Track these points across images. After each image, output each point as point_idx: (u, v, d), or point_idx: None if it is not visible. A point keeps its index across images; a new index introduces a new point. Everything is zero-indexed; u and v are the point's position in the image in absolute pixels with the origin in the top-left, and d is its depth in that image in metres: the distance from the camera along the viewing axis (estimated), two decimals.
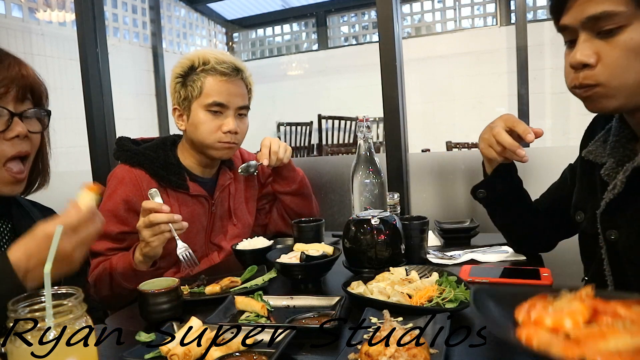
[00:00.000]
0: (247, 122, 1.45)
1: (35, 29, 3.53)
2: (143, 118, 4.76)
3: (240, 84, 1.40)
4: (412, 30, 5.64)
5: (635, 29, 0.73)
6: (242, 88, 1.40)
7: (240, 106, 1.39)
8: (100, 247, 1.29)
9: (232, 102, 1.37)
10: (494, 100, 4.84)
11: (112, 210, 1.30)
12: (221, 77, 1.35)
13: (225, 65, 1.35)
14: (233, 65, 1.37)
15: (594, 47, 0.77)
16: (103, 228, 1.30)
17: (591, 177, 0.93)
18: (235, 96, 1.37)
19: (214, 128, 1.36)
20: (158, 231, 1.13)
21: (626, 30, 0.73)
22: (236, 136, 1.39)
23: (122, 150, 1.38)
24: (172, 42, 5.54)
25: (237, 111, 1.39)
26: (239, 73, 1.39)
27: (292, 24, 6.40)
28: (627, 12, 0.72)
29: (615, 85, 0.76)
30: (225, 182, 1.49)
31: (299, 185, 1.54)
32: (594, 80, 0.78)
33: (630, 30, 0.73)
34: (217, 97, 1.35)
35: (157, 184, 1.35)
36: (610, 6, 0.72)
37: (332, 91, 5.38)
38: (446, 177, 1.82)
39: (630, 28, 0.73)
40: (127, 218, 1.30)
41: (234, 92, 1.37)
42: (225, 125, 1.36)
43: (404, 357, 0.64)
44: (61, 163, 3.48)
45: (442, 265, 1.19)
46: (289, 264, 1.11)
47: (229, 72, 1.36)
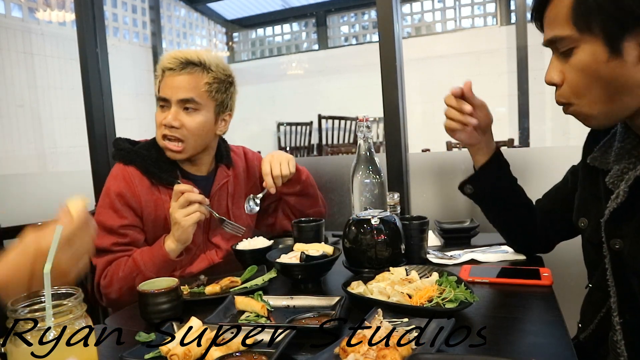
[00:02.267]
0: (198, 119, 1.35)
1: (35, 28, 3.53)
2: (143, 118, 4.77)
3: (188, 77, 1.34)
4: (412, 30, 5.64)
5: (583, 51, 0.77)
6: (189, 82, 1.34)
7: (181, 99, 1.33)
8: (106, 243, 1.30)
9: (172, 95, 1.33)
10: (494, 100, 4.83)
11: (110, 205, 1.32)
12: (168, 72, 1.35)
13: (172, 60, 1.34)
14: (183, 59, 1.34)
15: (560, 66, 0.82)
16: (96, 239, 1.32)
17: (595, 183, 0.92)
18: (176, 89, 1.33)
19: (159, 122, 1.36)
20: (192, 210, 1.22)
21: (577, 52, 0.78)
22: (179, 131, 1.34)
23: (118, 149, 1.41)
24: (172, 42, 5.54)
25: (181, 105, 1.34)
26: (189, 66, 1.34)
27: (292, 24, 6.41)
28: (573, 36, 0.76)
29: (584, 103, 0.80)
30: (221, 180, 1.48)
31: (303, 185, 1.53)
32: (565, 99, 0.83)
33: (580, 52, 0.77)
34: (160, 92, 1.36)
35: (148, 181, 1.36)
36: (558, 31, 0.78)
37: (332, 91, 5.38)
38: (446, 177, 1.82)
39: (579, 50, 0.77)
40: (124, 211, 1.32)
41: (176, 85, 1.33)
42: (164, 118, 1.34)
43: (372, 356, 0.66)
44: (61, 163, 3.49)
45: (442, 265, 1.19)
46: (289, 264, 1.11)
47: (173, 67, 1.34)
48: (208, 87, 1.36)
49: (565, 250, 1.19)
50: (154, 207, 1.35)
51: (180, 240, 1.25)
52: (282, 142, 5.29)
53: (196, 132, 1.36)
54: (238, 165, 1.56)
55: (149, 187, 1.36)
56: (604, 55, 0.74)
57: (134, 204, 1.33)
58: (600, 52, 0.75)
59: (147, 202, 1.34)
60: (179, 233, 1.24)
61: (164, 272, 1.25)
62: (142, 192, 1.34)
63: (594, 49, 0.75)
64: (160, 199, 1.35)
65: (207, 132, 1.39)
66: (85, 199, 0.79)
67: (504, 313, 0.89)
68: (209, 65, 1.36)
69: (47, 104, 3.40)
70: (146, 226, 1.36)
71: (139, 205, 1.34)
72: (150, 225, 1.35)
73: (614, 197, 0.83)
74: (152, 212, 1.35)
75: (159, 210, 1.35)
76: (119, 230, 1.31)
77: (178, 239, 1.25)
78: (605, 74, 0.75)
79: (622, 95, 0.77)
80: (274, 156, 1.45)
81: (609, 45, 0.74)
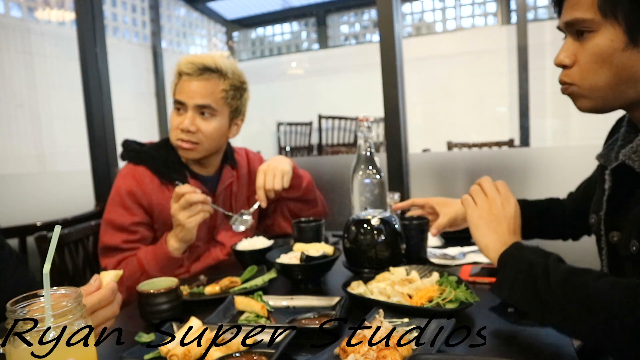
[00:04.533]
0: (213, 124, 1.38)
1: (34, 28, 3.53)
2: (143, 118, 4.76)
3: (205, 84, 1.36)
4: (413, 29, 5.64)
5: (602, 36, 0.78)
6: (206, 88, 1.36)
7: (198, 104, 1.36)
8: (116, 241, 1.32)
9: (189, 100, 1.36)
10: (495, 100, 4.83)
11: (121, 203, 1.34)
12: (185, 76, 1.37)
13: (190, 65, 1.36)
14: (201, 65, 1.36)
15: (573, 48, 0.83)
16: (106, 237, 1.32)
17: (603, 180, 0.93)
18: (194, 94, 1.35)
19: (175, 125, 1.38)
20: (194, 211, 1.22)
21: (595, 36, 0.79)
22: (195, 135, 1.36)
23: (127, 150, 1.43)
24: (172, 41, 5.53)
25: (198, 110, 1.37)
26: (206, 72, 1.36)
27: (292, 24, 6.40)
28: (596, 19, 0.78)
29: (586, 86, 0.82)
30: (227, 180, 1.50)
31: (303, 192, 1.54)
32: (570, 79, 0.84)
33: (598, 37, 0.79)
34: (177, 95, 1.38)
35: (158, 180, 1.38)
36: (581, 14, 0.79)
37: (332, 91, 5.38)
38: (446, 177, 1.82)
39: (598, 34, 0.78)
40: (134, 209, 1.34)
41: (193, 90, 1.36)
42: (180, 122, 1.36)
43: (372, 356, 0.67)
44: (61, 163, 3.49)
45: (443, 266, 1.19)
46: (289, 264, 1.11)
47: (191, 72, 1.36)
48: (224, 94, 1.39)
49: (567, 250, 1.19)
50: (164, 206, 1.36)
51: (185, 240, 1.26)
52: (282, 142, 5.29)
53: (211, 137, 1.39)
54: (242, 166, 1.58)
55: (158, 187, 1.38)
56: (621, 43, 0.76)
57: (145, 202, 1.35)
58: (619, 39, 0.76)
59: (158, 200, 1.36)
60: (183, 234, 1.24)
61: (168, 270, 1.26)
62: (152, 192, 1.36)
63: (614, 36, 0.77)
64: (170, 198, 1.37)
65: (221, 137, 1.43)
66: (119, 272, 0.81)
67: (504, 313, 0.89)
68: (225, 72, 1.38)
69: (47, 104, 3.40)
70: (156, 224, 1.38)
71: (149, 204, 1.35)
72: (160, 224, 1.38)
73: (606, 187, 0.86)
74: (162, 211, 1.36)
75: (169, 209, 1.36)
76: (129, 228, 1.33)
77: (182, 239, 1.26)
78: (618, 62, 0.77)
79: (626, 85, 0.79)
80: (269, 167, 1.45)
81: (629, 34, 0.75)
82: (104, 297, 0.75)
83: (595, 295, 0.68)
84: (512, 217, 0.91)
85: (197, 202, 1.23)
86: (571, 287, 0.71)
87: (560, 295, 0.72)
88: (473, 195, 0.95)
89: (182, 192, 1.23)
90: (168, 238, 1.28)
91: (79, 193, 2.24)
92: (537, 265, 0.77)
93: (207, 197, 1.26)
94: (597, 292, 0.68)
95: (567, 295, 0.71)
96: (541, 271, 0.76)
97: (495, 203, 0.92)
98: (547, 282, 0.74)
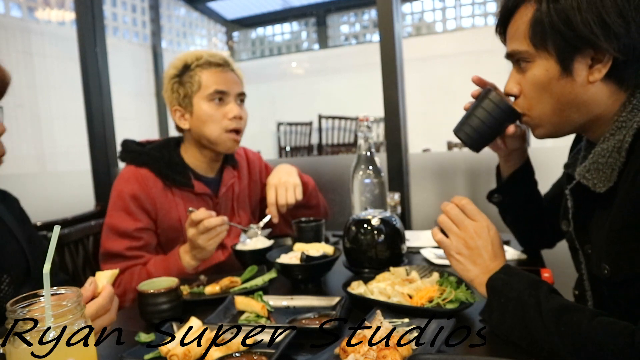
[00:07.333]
0: (246, 110, 1.47)
1: (34, 28, 3.53)
2: (143, 118, 4.76)
3: (234, 75, 1.44)
4: (413, 29, 5.64)
5: (538, 67, 0.81)
6: (236, 78, 1.44)
7: (239, 92, 1.43)
8: (119, 247, 1.29)
9: (231, 88, 1.40)
10: None
11: (124, 207, 1.31)
12: (216, 68, 1.39)
13: (217, 57, 1.41)
14: (224, 58, 1.43)
15: (517, 78, 0.87)
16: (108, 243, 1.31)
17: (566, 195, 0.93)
18: (233, 83, 1.41)
19: (219, 117, 1.38)
20: (214, 234, 1.22)
21: (533, 67, 0.82)
22: (241, 122, 1.41)
23: (127, 151, 1.40)
24: (172, 41, 5.53)
25: (238, 97, 1.42)
26: (230, 65, 1.44)
27: (292, 24, 6.40)
28: (530, 51, 0.80)
29: (535, 115, 0.85)
30: (229, 180, 1.50)
31: (307, 199, 1.54)
32: (521, 110, 0.88)
33: (535, 67, 0.81)
34: (216, 86, 1.38)
35: (162, 183, 1.36)
36: (516, 45, 0.83)
37: (332, 91, 5.38)
38: (446, 177, 1.82)
39: (534, 65, 0.81)
40: (138, 214, 1.32)
41: (230, 80, 1.41)
42: (230, 111, 1.39)
43: (372, 356, 0.67)
44: (61, 163, 3.49)
45: (443, 266, 1.18)
46: (289, 264, 1.11)
47: (222, 64, 1.41)
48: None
49: (566, 251, 1.19)
50: (168, 209, 1.35)
51: (203, 258, 1.27)
52: (282, 142, 5.29)
53: (246, 123, 1.46)
54: (242, 166, 1.58)
55: (162, 189, 1.36)
56: (556, 73, 0.79)
57: (149, 206, 1.33)
58: (553, 69, 0.79)
59: (162, 204, 1.34)
60: (202, 255, 1.25)
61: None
62: (156, 195, 1.34)
63: (548, 66, 0.79)
64: (174, 202, 1.36)
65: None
66: (115, 271, 0.81)
67: None
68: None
69: (47, 104, 3.40)
70: (160, 229, 1.36)
71: (153, 208, 1.33)
72: (164, 227, 1.36)
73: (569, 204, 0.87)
74: (166, 215, 1.35)
75: (173, 212, 1.35)
76: (133, 234, 1.30)
77: (200, 259, 1.26)
78: (556, 90, 0.80)
79: (569, 111, 0.81)
80: (280, 180, 1.45)
81: (561, 64, 0.78)
82: (101, 307, 0.75)
83: (589, 337, 0.64)
84: (489, 242, 0.86)
85: (216, 226, 1.21)
86: (564, 327, 0.67)
87: (552, 333, 0.68)
88: (444, 228, 0.90)
89: (199, 218, 1.20)
90: (182, 254, 1.27)
91: (79, 193, 2.24)
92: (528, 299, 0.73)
93: (224, 217, 1.24)
94: (591, 335, 0.64)
95: (560, 334, 0.67)
96: (532, 307, 0.72)
97: (468, 233, 0.87)
98: (539, 318, 0.70)
